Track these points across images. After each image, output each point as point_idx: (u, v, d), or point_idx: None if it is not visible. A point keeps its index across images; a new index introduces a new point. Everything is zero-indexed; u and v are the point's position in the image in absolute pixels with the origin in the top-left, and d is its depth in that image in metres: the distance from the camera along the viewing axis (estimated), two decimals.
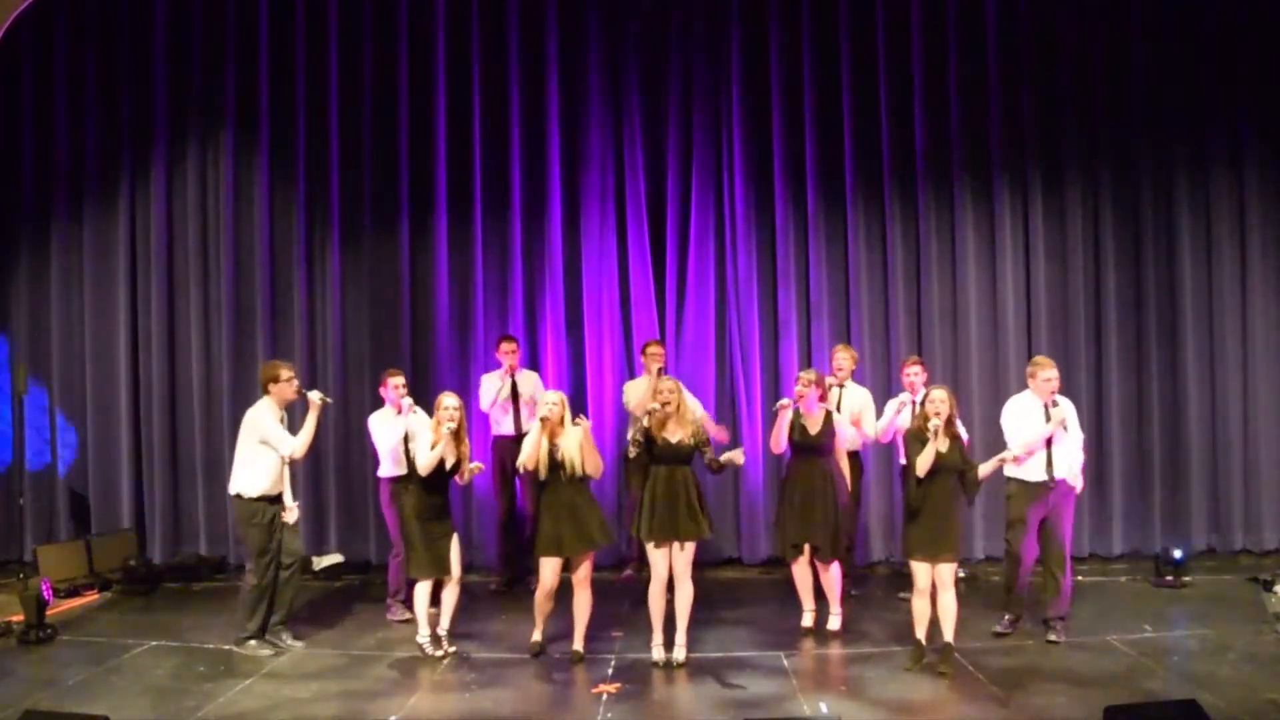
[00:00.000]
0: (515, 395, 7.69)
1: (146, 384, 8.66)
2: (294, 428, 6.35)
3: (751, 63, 8.54)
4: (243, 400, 8.48)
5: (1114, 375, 8.37)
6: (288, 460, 6.23)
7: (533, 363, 8.53)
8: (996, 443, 6.42)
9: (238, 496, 6.21)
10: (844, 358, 7.14)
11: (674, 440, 5.85)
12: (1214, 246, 8.42)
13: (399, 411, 6.83)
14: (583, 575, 5.97)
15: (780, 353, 8.50)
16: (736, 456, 5.93)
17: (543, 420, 5.91)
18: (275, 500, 6.25)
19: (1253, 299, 8.40)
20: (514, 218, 8.58)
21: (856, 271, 8.48)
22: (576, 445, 5.89)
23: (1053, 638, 6.14)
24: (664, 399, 5.87)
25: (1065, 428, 6.13)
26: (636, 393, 7.53)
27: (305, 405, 6.25)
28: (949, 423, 5.68)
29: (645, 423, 5.88)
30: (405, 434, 6.66)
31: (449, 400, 6.10)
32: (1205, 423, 8.37)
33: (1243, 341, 8.41)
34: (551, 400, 5.96)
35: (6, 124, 8.74)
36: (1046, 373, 6.18)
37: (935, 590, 5.68)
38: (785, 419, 6.33)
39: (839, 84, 8.48)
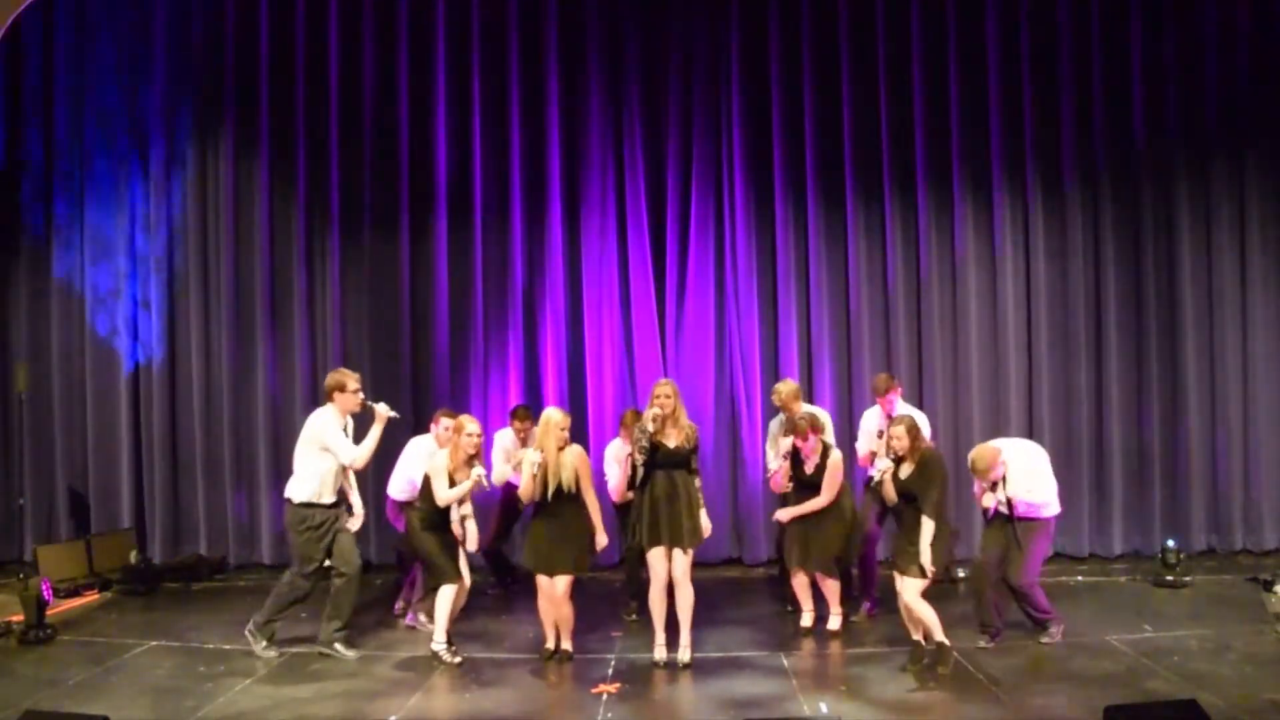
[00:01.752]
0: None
1: (146, 384, 8.66)
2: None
3: (751, 63, 8.54)
4: (243, 400, 8.55)
5: (1114, 375, 8.36)
6: (349, 469, 6.13)
7: (533, 363, 8.52)
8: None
9: (288, 500, 6.13)
10: (786, 393, 6.87)
11: (671, 445, 5.84)
12: (1214, 246, 8.42)
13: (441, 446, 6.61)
14: (563, 592, 5.93)
15: (780, 353, 8.50)
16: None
17: (542, 453, 5.83)
18: (330, 507, 6.12)
19: (1253, 299, 8.39)
20: (514, 218, 8.58)
21: (856, 271, 8.48)
22: (572, 465, 5.83)
23: (1044, 639, 6.11)
24: (661, 403, 5.83)
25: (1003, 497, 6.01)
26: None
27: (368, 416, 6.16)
28: (913, 451, 5.75)
29: (650, 427, 5.82)
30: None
31: (472, 427, 5.96)
32: (1205, 423, 8.36)
33: (1243, 341, 8.41)
34: (557, 422, 5.90)
35: (7, 123, 8.74)
36: (991, 471, 5.99)
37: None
38: (786, 467, 6.42)
39: (839, 84, 8.49)
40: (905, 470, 5.81)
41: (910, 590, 5.67)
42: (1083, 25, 8.41)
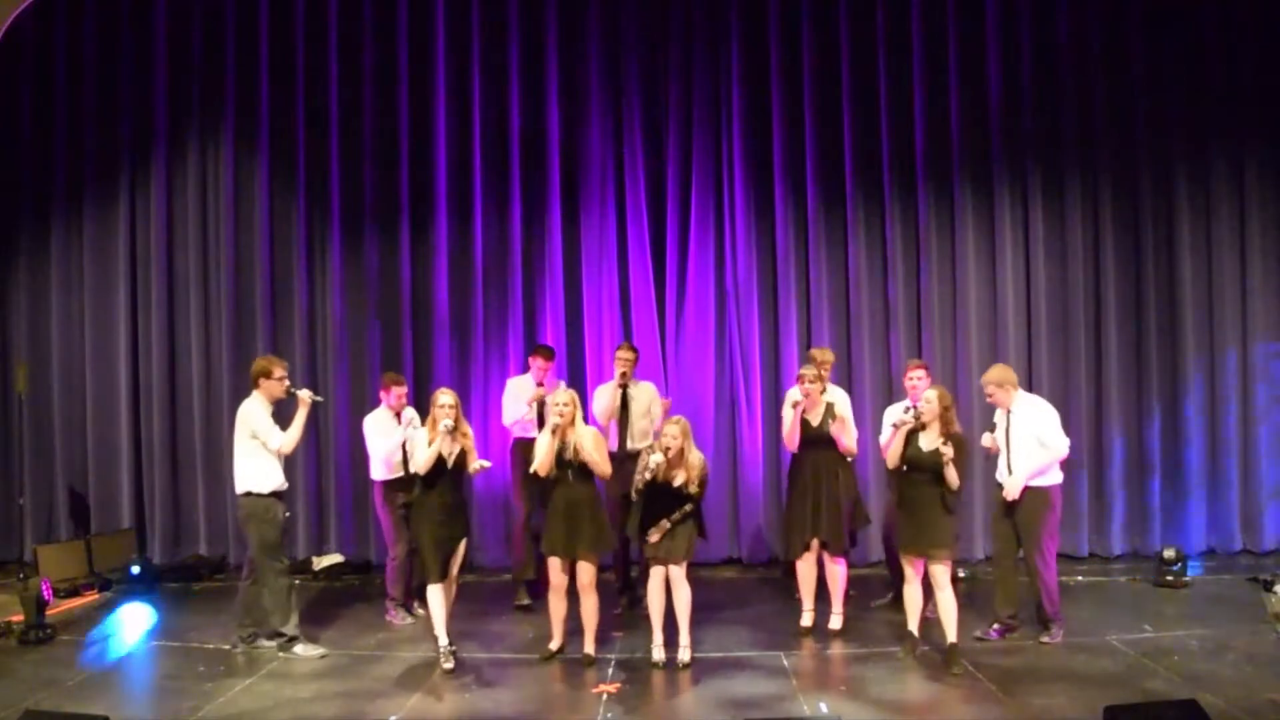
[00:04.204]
0: (542, 405, 7.37)
1: (146, 384, 8.67)
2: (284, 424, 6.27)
3: (751, 63, 8.54)
4: (242, 400, 8.51)
5: (1114, 375, 8.36)
6: (278, 455, 6.14)
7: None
8: None
9: (248, 494, 6.10)
10: (823, 359, 6.93)
11: (675, 484, 5.82)
12: (1214, 246, 8.41)
13: (397, 416, 6.81)
14: (585, 581, 5.94)
15: (780, 353, 8.49)
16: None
17: (553, 429, 5.88)
18: (282, 496, 6.18)
19: (1253, 298, 8.39)
20: (514, 218, 8.58)
21: (856, 271, 8.48)
22: (590, 442, 5.88)
23: (1044, 639, 6.12)
24: (666, 444, 5.79)
25: (994, 442, 6.09)
26: (603, 399, 7.21)
27: (296, 403, 6.22)
28: (944, 423, 5.72)
29: (649, 474, 5.78)
30: (403, 442, 6.62)
31: (444, 398, 5.98)
32: (1205, 423, 8.36)
33: (1243, 341, 8.40)
34: (563, 401, 5.92)
35: (6, 124, 8.75)
36: (987, 388, 6.16)
37: (934, 589, 5.72)
38: (798, 416, 6.35)
39: (839, 83, 8.48)
40: (927, 441, 5.73)
41: (940, 575, 5.67)
42: (1083, 25, 8.40)
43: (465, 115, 8.58)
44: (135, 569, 7.92)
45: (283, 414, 6.35)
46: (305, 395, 6.21)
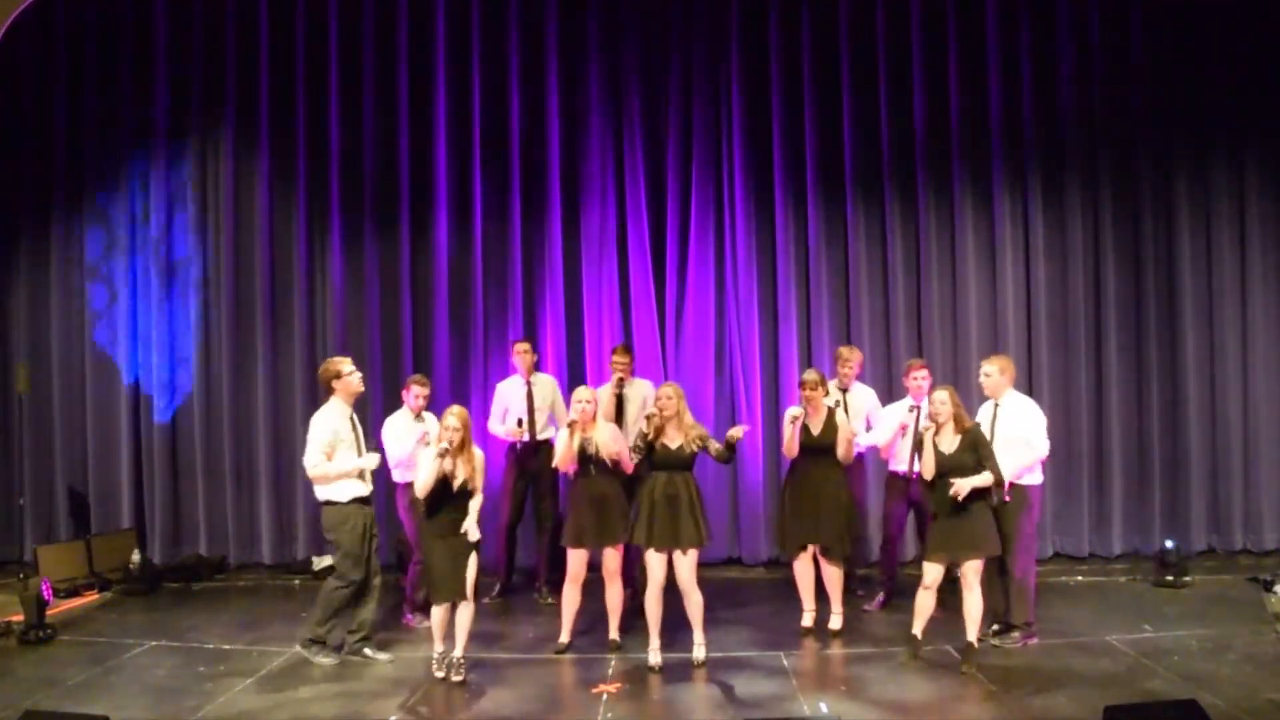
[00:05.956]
0: (531, 398, 7.39)
1: (146, 384, 8.66)
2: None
3: (751, 63, 8.54)
4: (243, 400, 8.55)
5: (1114, 375, 8.36)
6: (308, 469, 6.01)
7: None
8: None
9: (328, 503, 6.00)
10: (850, 358, 7.09)
11: (673, 446, 5.85)
12: (1214, 246, 8.41)
13: (418, 419, 6.67)
14: (613, 567, 6.05)
15: (780, 353, 8.49)
16: (736, 432, 5.90)
17: (570, 425, 5.94)
18: (368, 502, 6.07)
19: (1253, 299, 8.38)
20: (514, 218, 8.58)
21: (856, 271, 8.48)
22: (609, 437, 5.99)
23: (1006, 643, 6.06)
24: (661, 405, 5.88)
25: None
26: (600, 404, 7.00)
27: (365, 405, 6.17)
28: (958, 421, 5.71)
29: (644, 428, 5.93)
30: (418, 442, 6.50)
31: (450, 420, 5.67)
32: (1205, 423, 8.35)
33: (1243, 341, 8.40)
34: (585, 399, 6.00)
35: (6, 123, 8.74)
36: (990, 371, 6.15)
37: (963, 589, 5.70)
38: (798, 427, 6.35)
39: (839, 84, 8.48)
40: (947, 444, 5.71)
41: (970, 575, 5.64)
42: (1083, 25, 8.40)
43: (465, 114, 8.57)
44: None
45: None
46: (369, 462, 6.07)
